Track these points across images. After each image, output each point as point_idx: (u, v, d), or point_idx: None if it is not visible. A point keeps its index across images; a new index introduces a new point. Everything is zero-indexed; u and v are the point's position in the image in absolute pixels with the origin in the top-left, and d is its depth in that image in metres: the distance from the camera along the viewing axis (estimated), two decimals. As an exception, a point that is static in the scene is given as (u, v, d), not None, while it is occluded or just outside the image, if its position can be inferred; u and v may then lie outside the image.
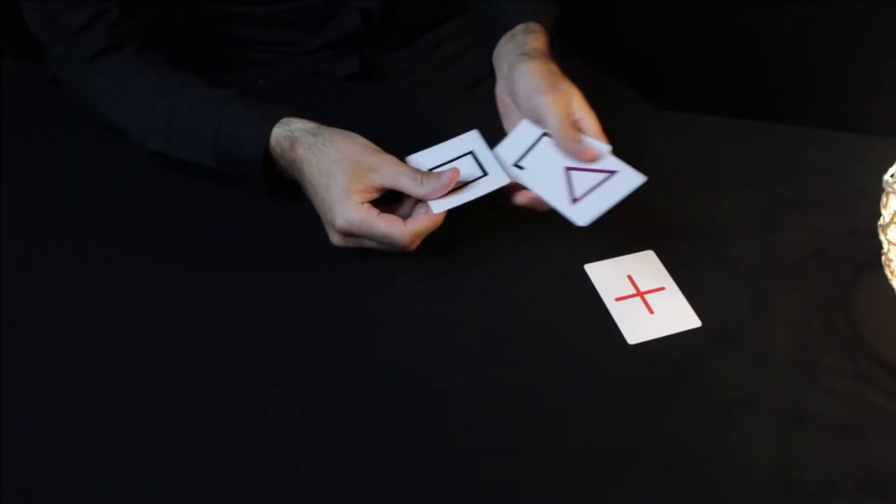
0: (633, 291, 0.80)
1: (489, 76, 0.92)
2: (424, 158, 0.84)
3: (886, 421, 0.70)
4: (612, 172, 0.80)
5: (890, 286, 0.74)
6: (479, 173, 0.82)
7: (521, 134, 0.84)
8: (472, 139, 0.85)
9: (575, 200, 0.79)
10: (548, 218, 0.82)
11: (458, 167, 0.80)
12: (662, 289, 0.80)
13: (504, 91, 0.88)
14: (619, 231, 0.85)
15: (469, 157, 0.84)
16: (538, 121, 0.83)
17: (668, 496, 0.66)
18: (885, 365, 0.74)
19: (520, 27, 0.90)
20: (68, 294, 0.80)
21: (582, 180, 0.80)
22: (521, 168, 0.82)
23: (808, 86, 1.38)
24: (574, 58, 1.26)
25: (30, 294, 0.80)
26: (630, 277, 0.81)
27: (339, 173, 0.79)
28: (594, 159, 0.80)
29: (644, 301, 0.79)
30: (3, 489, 0.65)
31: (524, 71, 0.84)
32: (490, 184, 0.81)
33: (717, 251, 0.84)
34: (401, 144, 0.89)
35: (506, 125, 0.88)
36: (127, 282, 0.81)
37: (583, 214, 0.77)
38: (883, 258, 0.74)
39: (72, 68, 0.92)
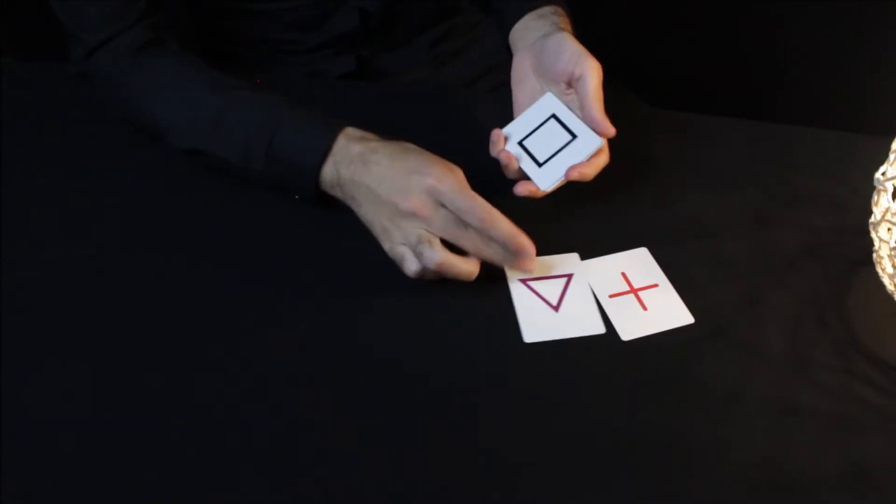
0: (627, 288, 0.81)
1: (485, 76, 0.92)
2: (514, 129, 0.86)
3: (877, 416, 0.71)
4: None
5: (881, 283, 0.74)
6: (568, 136, 0.83)
7: (539, 109, 0.86)
8: (550, 102, 0.86)
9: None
10: (544, 216, 0.83)
11: (547, 133, 0.84)
12: (656, 286, 0.81)
13: (527, 59, 0.88)
14: (612, 228, 0.86)
15: (552, 120, 0.85)
16: (571, 84, 0.84)
17: (660, 491, 0.66)
18: (875, 361, 0.75)
19: (548, 9, 0.91)
20: (68, 293, 0.80)
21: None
22: (524, 147, 0.85)
23: (799, 84, 1.38)
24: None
25: (29, 293, 0.80)
26: (624, 274, 0.82)
27: (423, 154, 0.80)
28: (612, 135, 0.83)
29: (637, 298, 0.80)
30: (3, 489, 0.65)
31: (563, 39, 0.85)
32: (585, 147, 0.83)
33: (710, 248, 0.84)
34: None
35: (516, 95, 0.88)
36: (126, 281, 0.81)
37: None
38: (874, 255, 0.75)
39: (113, 62, 0.90)
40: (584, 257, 0.83)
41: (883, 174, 0.74)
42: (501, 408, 0.72)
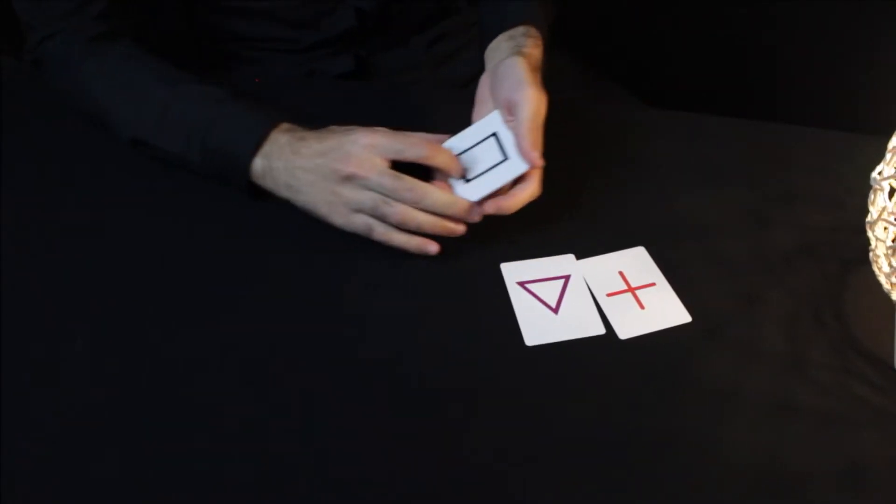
0: (625, 287, 0.81)
1: (481, 75, 0.92)
2: (455, 143, 0.85)
3: (873, 413, 0.71)
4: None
5: (877, 282, 0.75)
6: (500, 157, 0.82)
7: (483, 125, 0.86)
8: (494, 121, 0.85)
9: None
10: (540, 216, 0.83)
11: (482, 151, 0.83)
12: (653, 284, 0.81)
13: (486, 82, 0.88)
14: (610, 227, 0.86)
15: (492, 139, 0.84)
16: (511, 111, 0.83)
17: (658, 488, 0.66)
18: (871, 359, 0.75)
19: (520, 30, 0.91)
20: (68, 293, 0.80)
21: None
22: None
23: (796, 84, 1.39)
24: (565, 56, 1.27)
25: (30, 293, 0.80)
26: (621, 273, 0.82)
27: (347, 127, 0.82)
28: (538, 166, 0.81)
29: (635, 296, 0.80)
30: (2, 489, 0.65)
31: (514, 64, 0.84)
32: (509, 171, 0.82)
33: (707, 247, 0.85)
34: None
35: (475, 115, 0.88)
36: (126, 281, 0.81)
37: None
38: (870, 254, 0.75)
39: (67, 50, 0.92)
40: (581, 257, 0.83)
41: (879, 173, 0.74)
42: (501, 408, 0.72)
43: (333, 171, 0.79)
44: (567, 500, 0.66)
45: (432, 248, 0.79)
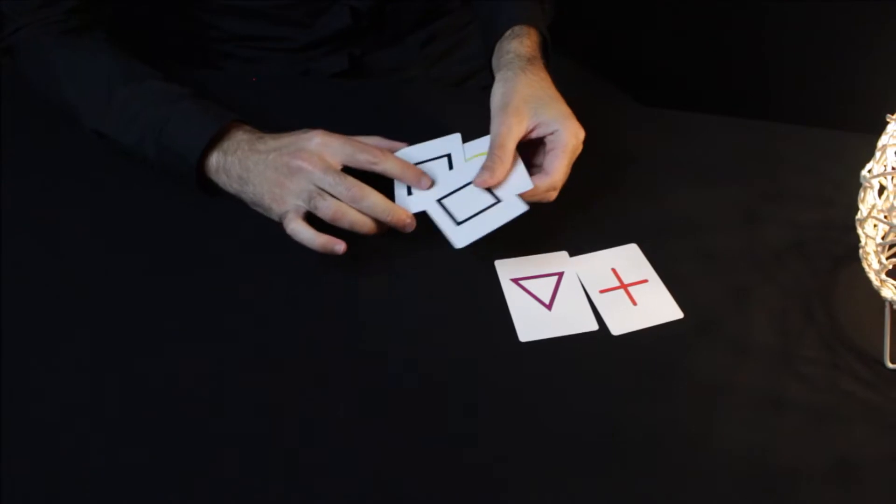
0: (617, 284, 0.81)
1: (475, 74, 0.93)
2: (410, 152, 0.86)
3: (862, 409, 0.72)
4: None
5: (866, 278, 0.75)
6: (493, 200, 0.81)
7: (442, 143, 0.86)
8: (453, 142, 0.86)
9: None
10: (533, 214, 0.83)
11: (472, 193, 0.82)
12: (645, 281, 0.82)
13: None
14: (603, 225, 0.87)
15: (444, 160, 0.85)
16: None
17: (649, 481, 0.67)
18: (861, 355, 0.76)
19: (507, 34, 0.92)
20: (68, 293, 0.80)
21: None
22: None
23: (787, 83, 1.39)
24: (559, 55, 1.28)
25: (29, 292, 0.80)
26: (614, 270, 0.83)
27: (304, 129, 0.83)
28: (490, 185, 0.81)
29: (628, 293, 0.81)
30: (3, 489, 0.65)
31: (495, 91, 0.85)
32: (505, 213, 0.80)
33: (699, 244, 0.85)
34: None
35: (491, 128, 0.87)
36: (127, 280, 0.81)
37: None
38: (860, 251, 0.76)
39: (39, 41, 0.93)
40: (574, 254, 0.84)
41: (869, 171, 0.74)
42: (494, 403, 0.72)
43: (284, 163, 0.81)
44: (559, 494, 0.66)
45: (339, 247, 0.79)
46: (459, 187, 0.83)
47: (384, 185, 0.82)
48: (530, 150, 0.86)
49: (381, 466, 0.68)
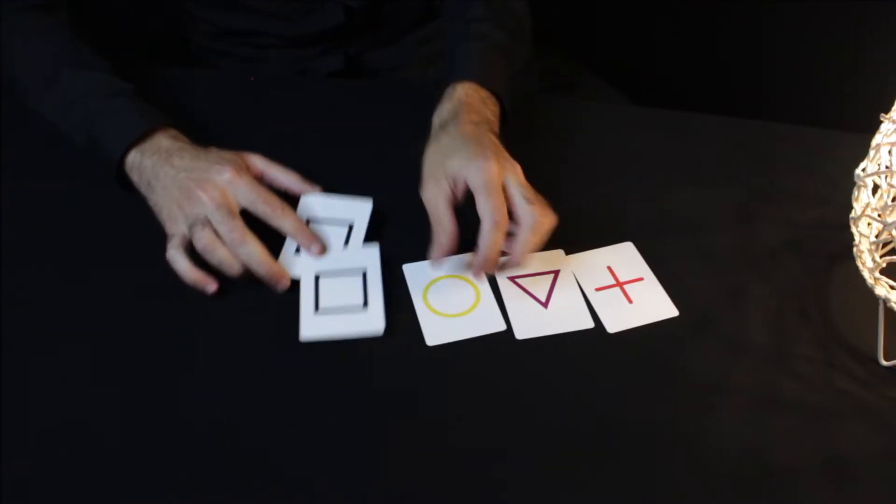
0: (613, 282, 0.82)
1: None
2: (315, 202, 0.85)
3: (856, 406, 0.72)
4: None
5: (861, 276, 0.76)
6: (360, 302, 0.78)
7: (351, 206, 0.85)
8: (362, 209, 0.85)
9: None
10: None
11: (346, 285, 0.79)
12: (641, 279, 0.82)
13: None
14: (598, 223, 0.87)
15: (344, 230, 0.84)
16: None
17: (644, 479, 0.67)
18: (855, 353, 0.76)
19: (448, 90, 0.89)
20: (68, 293, 0.80)
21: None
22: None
23: (782, 83, 1.40)
24: (554, 56, 1.28)
25: (29, 292, 0.79)
26: (610, 268, 0.83)
27: (223, 153, 0.84)
28: (438, 258, 0.78)
29: (623, 291, 0.81)
30: (3, 489, 0.65)
31: (425, 156, 0.83)
32: (361, 324, 0.77)
33: (694, 243, 0.86)
34: (385, 141, 0.90)
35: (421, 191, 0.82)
36: (127, 281, 0.81)
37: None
38: (854, 249, 0.76)
39: (10, 11, 0.93)
40: (570, 252, 0.84)
41: (863, 170, 0.75)
42: (490, 400, 0.72)
43: (187, 187, 0.81)
44: (554, 491, 0.67)
45: (210, 287, 0.78)
46: (341, 270, 0.81)
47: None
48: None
49: (379, 466, 0.68)
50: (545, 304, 0.80)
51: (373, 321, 0.77)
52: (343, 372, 0.74)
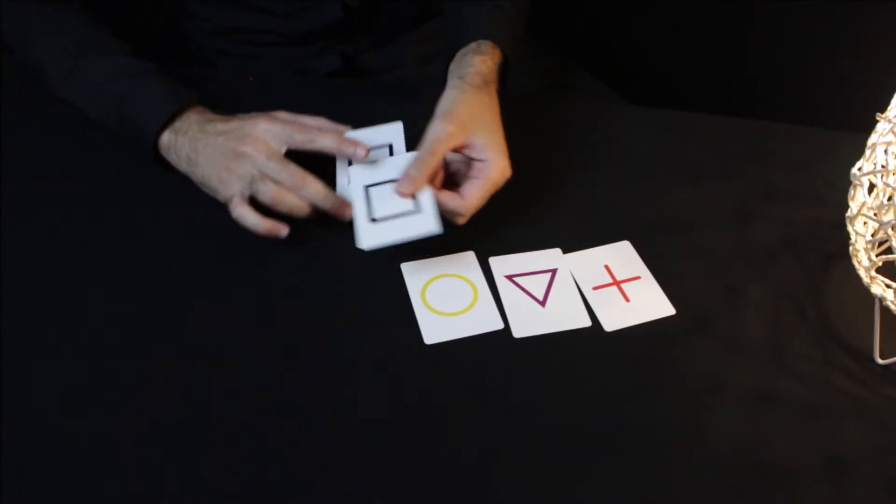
0: (610, 280, 0.82)
1: None
2: (352, 135, 0.86)
3: (853, 405, 0.73)
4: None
5: (857, 275, 0.76)
6: (412, 208, 0.79)
7: (385, 131, 0.87)
8: (395, 131, 0.87)
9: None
10: (527, 211, 0.83)
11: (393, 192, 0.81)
12: (638, 278, 0.82)
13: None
14: (596, 222, 0.87)
15: (385, 149, 0.86)
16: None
17: (641, 476, 0.67)
18: (852, 351, 0.77)
19: (472, 46, 0.91)
20: (68, 293, 0.80)
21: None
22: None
23: (778, 82, 1.40)
24: (550, 55, 1.28)
25: (29, 293, 0.79)
26: (607, 267, 0.83)
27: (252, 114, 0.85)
28: (408, 195, 0.80)
29: (620, 290, 0.81)
30: (3, 489, 0.65)
31: (445, 96, 0.85)
32: (418, 227, 0.78)
33: (691, 241, 0.86)
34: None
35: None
36: (127, 280, 0.81)
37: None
38: (850, 248, 0.76)
39: (18, 5, 0.93)
40: (567, 251, 0.84)
41: (859, 170, 0.75)
42: (488, 399, 0.73)
43: (230, 148, 0.83)
44: (552, 489, 0.67)
45: (283, 231, 0.82)
46: (389, 179, 0.82)
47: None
48: (453, 166, 0.85)
49: (378, 466, 0.68)
50: (543, 303, 0.80)
51: (428, 222, 0.78)
52: (341, 371, 0.74)
